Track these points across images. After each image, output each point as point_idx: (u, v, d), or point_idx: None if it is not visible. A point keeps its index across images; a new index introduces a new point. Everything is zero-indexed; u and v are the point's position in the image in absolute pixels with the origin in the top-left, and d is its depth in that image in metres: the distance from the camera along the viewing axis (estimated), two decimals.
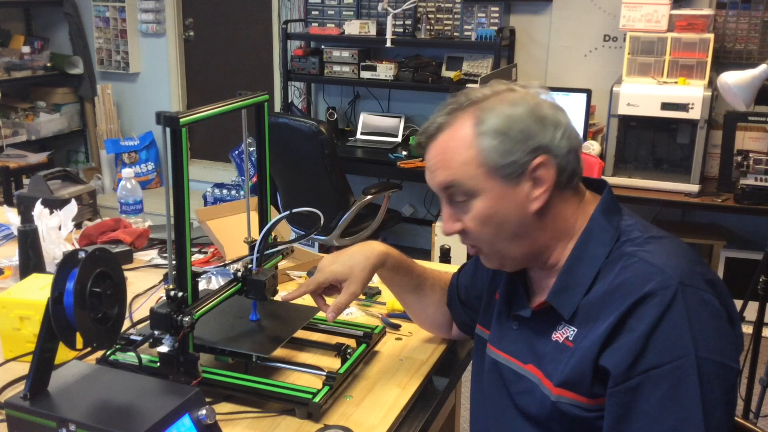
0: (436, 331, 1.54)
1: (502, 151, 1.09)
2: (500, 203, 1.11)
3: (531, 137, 1.09)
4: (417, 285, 1.47)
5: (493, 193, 1.11)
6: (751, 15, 3.79)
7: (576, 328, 1.10)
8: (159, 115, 1.18)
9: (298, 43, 4.73)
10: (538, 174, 1.10)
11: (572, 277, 1.12)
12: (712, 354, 1.00)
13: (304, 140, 3.43)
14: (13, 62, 5.12)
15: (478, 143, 1.10)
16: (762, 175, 3.38)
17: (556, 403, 1.09)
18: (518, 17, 4.26)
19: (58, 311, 1.04)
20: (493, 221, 1.12)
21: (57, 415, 1.00)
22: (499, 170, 1.10)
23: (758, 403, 2.61)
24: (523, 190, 1.11)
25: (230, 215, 1.95)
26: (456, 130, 1.12)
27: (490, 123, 1.10)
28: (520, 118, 1.10)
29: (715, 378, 1.00)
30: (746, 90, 2.51)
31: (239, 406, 1.29)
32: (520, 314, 1.20)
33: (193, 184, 1.24)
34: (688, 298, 1.01)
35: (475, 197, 1.11)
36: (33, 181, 2.28)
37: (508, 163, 1.09)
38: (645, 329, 1.01)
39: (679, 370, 0.99)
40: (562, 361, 1.09)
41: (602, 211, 1.15)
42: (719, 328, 1.03)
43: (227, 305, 1.40)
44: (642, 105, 3.44)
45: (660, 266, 1.04)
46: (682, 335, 1.00)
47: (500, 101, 1.12)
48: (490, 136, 1.09)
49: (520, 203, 1.11)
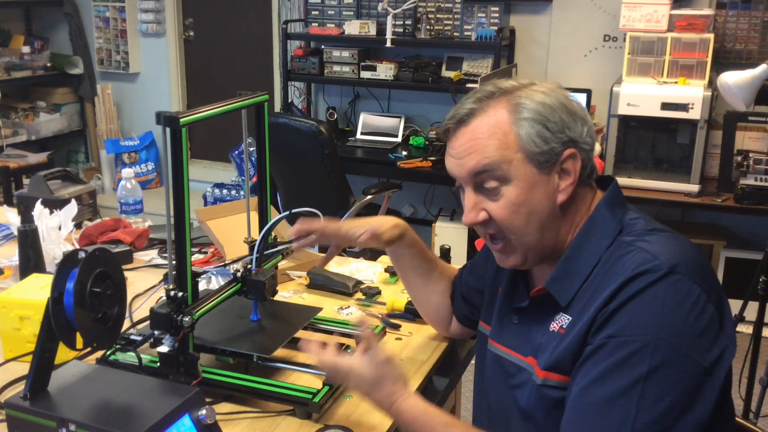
0: (435, 324, 1.54)
1: (541, 138, 1.10)
2: (532, 191, 1.11)
3: (566, 128, 1.11)
4: (427, 270, 1.47)
5: (527, 181, 1.10)
6: (751, 15, 3.79)
7: (570, 317, 1.10)
8: (159, 115, 1.18)
9: (298, 43, 4.73)
10: (566, 166, 1.11)
11: (572, 265, 1.12)
12: (676, 340, 0.98)
13: (304, 140, 3.43)
14: (13, 62, 5.12)
15: (517, 129, 1.10)
16: (762, 175, 3.38)
17: (541, 387, 1.10)
18: (518, 17, 4.25)
19: (58, 311, 1.04)
20: (524, 209, 1.11)
21: (57, 415, 1.00)
22: (536, 157, 1.10)
23: (758, 403, 2.61)
24: (553, 180, 1.11)
25: (230, 215, 1.95)
26: (491, 116, 1.11)
27: (529, 110, 1.10)
28: (557, 108, 1.11)
29: (672, 365, 0.98)
30: (746, 90, 2.51)
31: (239, 406, 1.29)
32: (519, 305, 1.20)
33: (193, 184, 1.24)
34: (671, 284, 1.01)
35: (508, 183, 1.11)
36: (33, 181, 2.28)
37: (545, 150, 1.10)
38: (620, 302, 1.01)
39: (635, 343, 0.99)
40: (552, 347, 1.10)
41: (606, 203, 1.15)
42: (695, 319, 1.00)
43: (228, 305, 1.40)
44: (642, 105, 3.44)
45: (654, 253, 1.04)
46: (652, 314, 1.00)
47: (533, 92, 1.12)
48: (529, 123, 1.10)
49: (549, 193, 1.11)
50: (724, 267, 3.75)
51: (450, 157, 1.16)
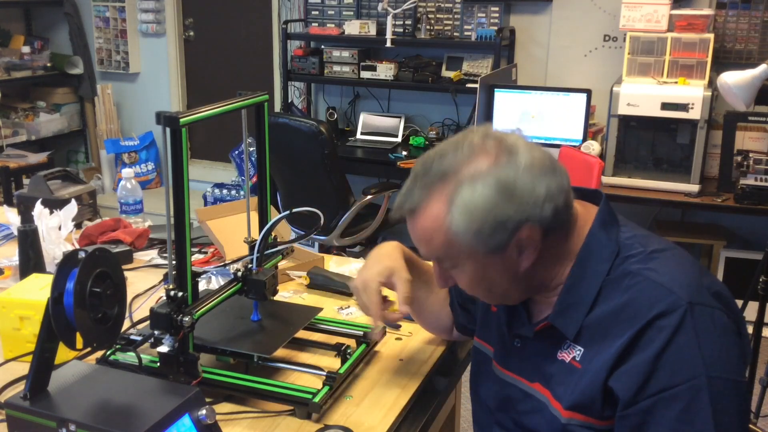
0: (438, 332, 1.54)
1: (480, 236, 1.04)
2: (487, 270, 1.09)
3: (507, 219, 1.02)
4: (425, 281, 1.45)
5: (476, 266, 1.09)
6: (751, 15, 3.79)
7: (582, 348, 1.08)
8: (159, 115, 1.18)
9: (298, 43, 4.73)
10: (522, 242, 1.05)
11: (574, 296, 1.09)
12: (723, 372, 1.00)
13: (304, 140, 3.43)
14: (13, 62, 5.12)
15: (455, 229, 1.04)
16: (762, 175, 3.38)
17: (567, 426, 1.08)
18: (518, 17, 4.25)
19: (58, 311, 1.04)
20: (483, 284, 1.12)
21: (57, 415, 1.00)
22: (481, 247, 1.05)
23: (758, 403, 2.61)
24: (509, 257, 1.07)
25: (230, 215, 1.95)
26: (433, 209, 1.06)
27: (462, 208, 1.03)
28: (491, 203, 1.02)
29: (727, 395, 1.00)
30: (746, 90, 2.51)
31: (239, 406, 1.29)
32: (521, 333, 1.18)
33: (193, 184, 1.24)
34: (697, 318, 1.00)
35: (462, 266, 1.10)
36: (33, 181, 2.28)
37: (487, 243, 1.04)
38: (655, 351, 1.00)
39: (690, 390, 0.98)
40: (572, 383, 1.08)
41: (600, 225, 1.12)
42: (728, 344, 1.02)
43: (229, 306, 1.40)
44: (642, 105, 3.44)
45: (667, 286, 1.03)
46: (692, 356, 0.99)
47: (472, 181, 1.03)
48: (464, 222, 1.03)
49: (508, 267, 1.08)
50: (724, 267, 3.75)
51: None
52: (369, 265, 1.35)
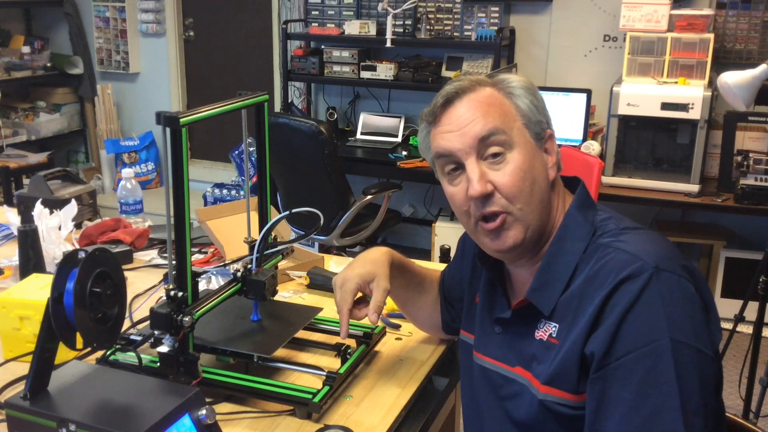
0: (432, 331, 1.54)
1: (534, 107, 1.14)
2: (533, 160, 1.12)
3: (544, 108, 1.16)
4: (417, 284, 1.46)
5: (528, 148, 1.12)
6: (751, 15, 3.79)
7: (557, 324, 1.10)
8: (159, 115, 1.18)
9: (298, 43, 4.73)
10: (548, 146, 1.16)
11: (550, 273, 1.12)
12: (686, 338, 0.99)
13: (304, 140, 3.43)
14: (13, 62, 5.12)
15: (511, 100, 1.14)
16: (762, 175, 3.38)
17: (543, 402, 1.09)
18: (518, 17, 4.26)
19: (58, 311, 1.04)
20: (529, 176, 1.11)
21: (57, 415, 1.00)
22: (532, 126, 1.14)
23: (758, 403, 2.61)
24: (544, 156, 1.15)
25: (230, 215, 1.95)
26: (484, 91, 1.14)
27: (516, 87, 1.15)
28: (534, 89, 1.17)
29: (690, 362, 0.99)
30: (746, 90, 2.51)
31: (239, 406, 1.29)
32: (501, 317, 1.20)
33: (193, 184, 1.24)
34: (663, 282, 1.01)
35: (512, 149, 1.11)
36: (33, 181, 2.28)
37: (539, 120, 1.14)
38: (620, 313, 1.01)
39: (653, 353, 0.98)
40: (549, 358, 1.09)
41: (577, 207, 1.16)
42: (693, 312, 1.02)
43: (229, 306, 1.40)
44: (642, 105, 3.44)
45: (635, 253, 1.04)
46: (656, 319, 0.99)
47: (510, 78, 1.17)
48: (521, 95, 1.14)
49: (544, 166, 1.14)
50: (724, 267, 3.75)
51: (445, 133, 1.13)
52: (354, 266, 1.35)
